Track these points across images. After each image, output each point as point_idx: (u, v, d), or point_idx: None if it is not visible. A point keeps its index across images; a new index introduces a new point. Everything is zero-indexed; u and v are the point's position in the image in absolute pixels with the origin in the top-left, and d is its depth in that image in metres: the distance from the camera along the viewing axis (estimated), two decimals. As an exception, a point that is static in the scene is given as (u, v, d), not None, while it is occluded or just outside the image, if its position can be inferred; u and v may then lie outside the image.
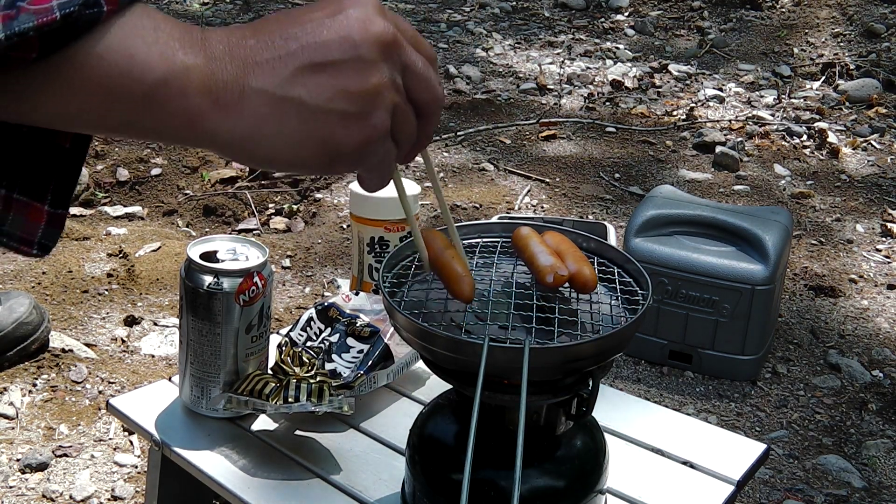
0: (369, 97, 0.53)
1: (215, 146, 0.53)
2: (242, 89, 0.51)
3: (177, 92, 0.49)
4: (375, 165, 0.58)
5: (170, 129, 0.51)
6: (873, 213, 2.98)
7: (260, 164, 0.55)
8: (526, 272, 0.90)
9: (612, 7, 5.05)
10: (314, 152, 0.54)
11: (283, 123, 0.52)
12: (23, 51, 0.45)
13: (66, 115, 0.49)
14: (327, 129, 0.53)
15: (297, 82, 0.52)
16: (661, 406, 1.19)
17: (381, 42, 0.53)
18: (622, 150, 3.39)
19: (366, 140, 0.54)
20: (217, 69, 0.50)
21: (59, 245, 2.41)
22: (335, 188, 2.96)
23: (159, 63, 0.49)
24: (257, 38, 0.52)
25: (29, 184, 0.55)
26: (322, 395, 0.99)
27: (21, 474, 1.59)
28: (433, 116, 0.59)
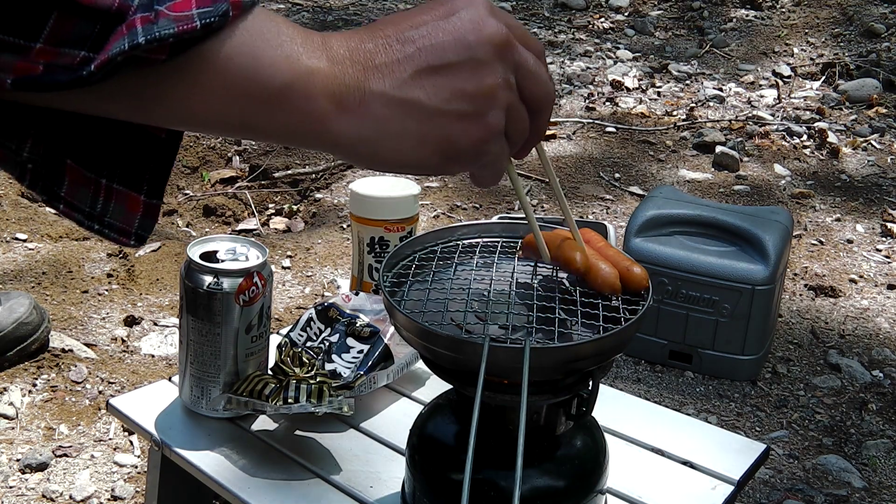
0: (485, 97, 0.55)
1: (338, 149, 0.54)
2: (364, 92, 0.52)
3: (302, 95, 0.50)
4: (490, 163, 0.59)
5: (293, 131, 0.52)
6: (873, 213, 2.98)
7: (381, 165, 0.56)
8: (526, 272, 0.90)
9: (612, 7, 5.05)
10: (433, 152, 0.55)
11: (404, 125, 0.53)
12: (154, 53, 0.46)
13: (191, 115, 0.50)
14: (445, 129, 0.54)
15: (416, 84, 0.53)
16: (661, 406, 1.19)
17: (494, 42, 0.55)
18: (622, 150, 3.39)
19: (482, 139, 0.56)
20: (339, 72, 0.52)
21: (59, 245, 2.41)
22: (335, 188, 2.96)
23: (285, 66, 0.50)
24: (375, 41, 0.53)
25: (127, 174, 0.56)
26: (322, 395, 0.98)
27: (21, 474, 1.59)
28: (545, 112, 0.60)
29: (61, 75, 0.45)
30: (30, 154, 0.52)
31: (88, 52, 0.45)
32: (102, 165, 0.55)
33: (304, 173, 3.02)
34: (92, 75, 0.45)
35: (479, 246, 0.94)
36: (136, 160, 0.56)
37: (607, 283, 0.81)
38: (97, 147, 0.54)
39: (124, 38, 0.45)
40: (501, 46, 0.55)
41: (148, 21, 0.45)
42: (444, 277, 0.88)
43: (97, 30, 0.45)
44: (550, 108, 0.60)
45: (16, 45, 0.45)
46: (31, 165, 0.52)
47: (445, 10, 0.55)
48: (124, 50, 0.45)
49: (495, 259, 0.92)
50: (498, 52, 0.55)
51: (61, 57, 0.45)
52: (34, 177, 0.53)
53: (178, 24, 0.46)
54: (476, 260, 0.92)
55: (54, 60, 0.45)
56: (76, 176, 0.54)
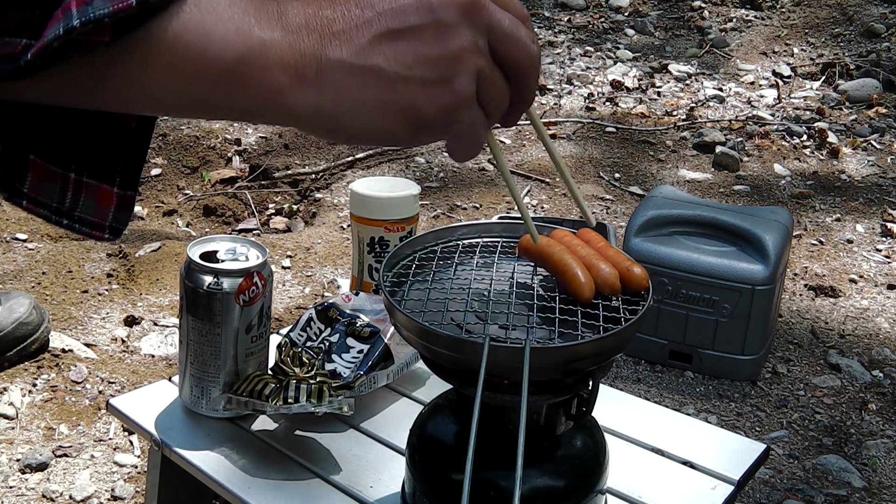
0: (450, 62, 0.51)
1: (299, 122, 0.52)
2: (320, 61, 0.50)
3: (255, 68, 0.48)
4: (463, 134, 0.55)
5: (251, 106, 0.50)
6: (873, 213, 2.98)
7: (346, 137, 0.53)
8: (527, 272, 0.90)
9: (612, 7, 5.05)
10: (398, 122, 0.52)
11: (364, 93, 0.51)
12: (96, 35, 0.44)
13: (144, 97, 0.48)
14: (409, 97, 0.51)
15: (375, 51, 0.50)
16: (661, 406, 1.19)
17: (460, 3, 0.51)
18: (622, 150, 3.39)
19: (449, 106, 0.52)
20: (295, 42, 0.49)
21: (59, 245, 2.41)
22: (335, 188, 2.96)
23: (236, 39, 0.48)
24: (334, 7, 0.51)
25: (97, 166, 0.54)
26: (322, 395, 0.99)
27: (21, 474, 1.59)
28: (527, 77, 0.55)
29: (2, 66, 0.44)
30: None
31: (29, 39, 0.44)
32: (70, 159, 0.53)
33: (304, 173, 3.02)
34: (29, 64, 0.43)
35: (479, 246, 0.94)
36: (106, 151, 0.54)
37: (607, 284, 0.81)
38: (63, 140, 0.53)
39: (59, 23, 0.43)
40: (468, 7, 0.52)
41: (83, 3, 0.43)
42: (444, 277, 0.88)
43: (36, 16, 0.44)
44: (535, 73, 0.56)
45: None
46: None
47: None
48: (58, 35, 0.43)
49: (495, 259, 0.92)
50: (464, 13, 0.52)
51: (3, 46, 0.44)
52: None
53: (113, 3, 0.44)
54: (476, 260, 0.92)
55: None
56: (40, 171, 0.53)
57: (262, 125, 3.40)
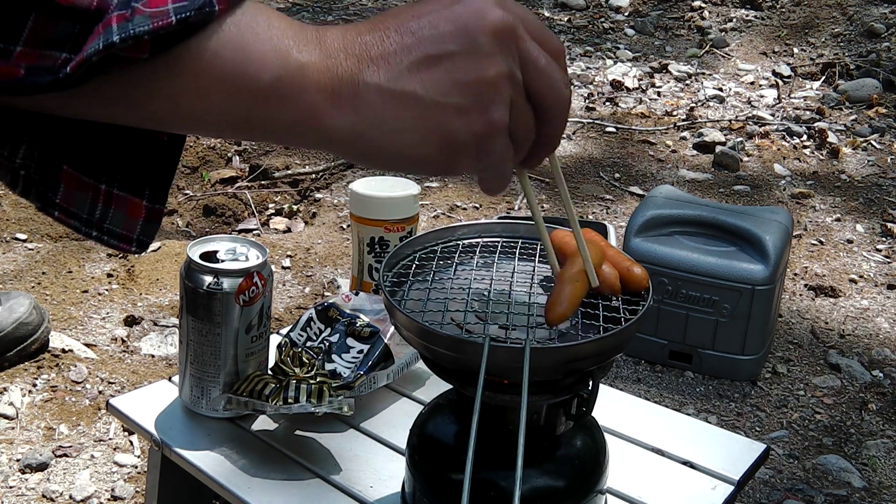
0: (486, 89, 0.51)
1: (334, 145, 0.52)
2: (358, 85, 0.50)
3: (292, 89, 0.48)
4: (493, 163, 0.55)
5: (286, 128, 0.50)
6: (873, 213, 2.98)
7: (380, 163, 0.53)
8: (527, 272, 0.90)
9: (612, 7, 5.05)
10: (432, 148, 0.52)
11: (400, 119, 0.51)
12: (135, 51, 0.45)
13: (179, 114, 0.49)
14: (444, 123, 0.51)
15: (413, 76, 0.50)
16: (661, 406, 1.19)
17: (497, 32, 0.51)
18: (622, 150, 3.39)
19: (484, 133, 0.52)
20: (333, 65, 0.49)
21: (59, 245, 2.41)
22: (335, 188, 2.96)
23: (274, 60, 0.48)
24: (373, 33, 0.51)
25: (128, 178, 0.54)
26: (322, 395, 0.98)
27: (21, 474, 1.59)
28: (556, 119, 0.55)
29: (42, 77, 0.44)
30: (23, 160, 0.51)
31: (70, 54, 0.44)
32: (102, 170, 0.54)
33: (304, 173, 3.02)
34: (68, 77, 0.44)
35: (480, 246, 0.94)
36: (137, 164, 0.55)
37: (607, 284, 0.81)
38: (96, 151, 0.53)
39: (99, 38, 0.44)
40: (505, 37, 0.52)
41: (123, 19, 0.44)
42: (444, 277, 0.88)
43: (77, 30, 0.44)
44: (563, 115, 0.55)
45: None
46: (23, 172, 0.51)
47: (451, 0, 0.52)
48: (98, 49, 0.44)
49: (495, 259, 0.92)
50: (502, 42, 0.51)
51: (43, 59, 0.44)
52: (27, 183, 0.51)
53: (154, 20, 0.44)
54: (476, 260, 0.92)
55: (36, 63, 0.44)
56: (73, 181, 0.53)
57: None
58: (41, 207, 0.53)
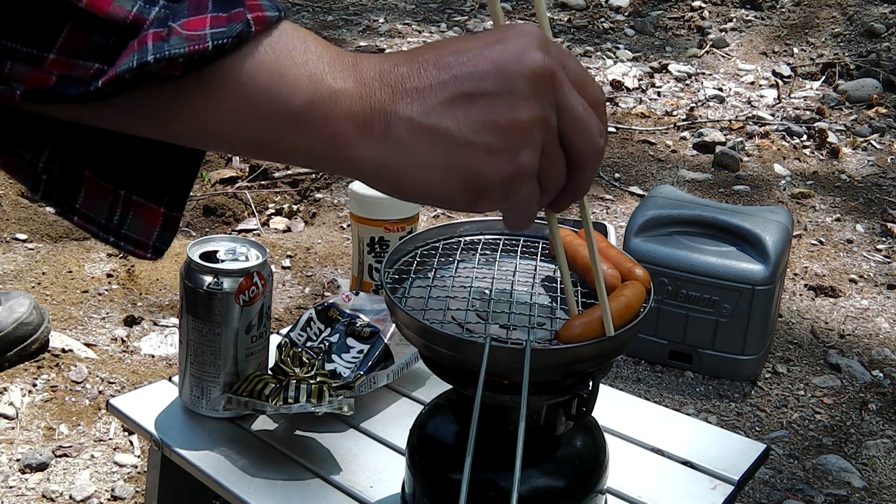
0: (518, 133, 0.51)
1: (360, 174, 0.51)
2: (390, 117, 0.49)
3: (323, 116, 0.48)
4: (518, 205, 0.55)
5: (314, 153, 0.50)
6: (873, 213, 2.98)
7: (404, 194, 0.53)
8: (528, 271, 0.90)
9: (612, 7, 5.05)
10: (458, 185, 0.52)
11: (429, 154, 0.50)
12: (168, 69, 0.45)
13: (206, 133, 0.49)
14: (474, 162, 0.51)
15: (446, 112, 0.50)
16: (661, 406, 1.19)
17: (536, 76, 0.51)
18: (622, 150, 3.39)
19: (512, 177, 0.52)
20: (366, 94, 0.49)
21: (59, 245, 2.41)
22: (335, 188, 2.96)
23: (308, 85, 0.48)
24: (410, 65, 0.51)
25: (148, 185, 0.54)
26: (322, 395, 0.99)
27: (21, 474, 1.59)
28: (587, 168, 0.55)
29: (72, 88, 0.44)
30: (45, 164, 0.51)
31: (102, 65, 0.44)
32: (123, 177, 0.54)
33: (304, 173, 3.02)
34: (99, 91, 0.44)
35: (482, 243, 0.94)
36: (158, 172, 0.55)
37: (608, 285, 0.81)
38: (118, 158, 0.53)
39: (134, 55, 0.44)
40: (544, 82, 0.51)
41: (160, 38, 0.44)
42: (445, 275, 0.88)
43: (111, 43, 0.44)
44: (595, 165, 0.55)
45: (29, 54, 0.44)
46: (45, 177, 0.51)
47: (493, 39, 0.52)
48: (132, 67, 0.44)
49: (497, 256, 0.92)
50: (540, 87, 0.51)
51: (75, 69, 0.44)
52: (48, 188, 0.51)
53: (190, 43, 0.44)
54: (478, 257, 0.92)
55: (68, 72, 0.44)
56: (93, 187, 0.53)
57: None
58: (61, 212, 0.53)
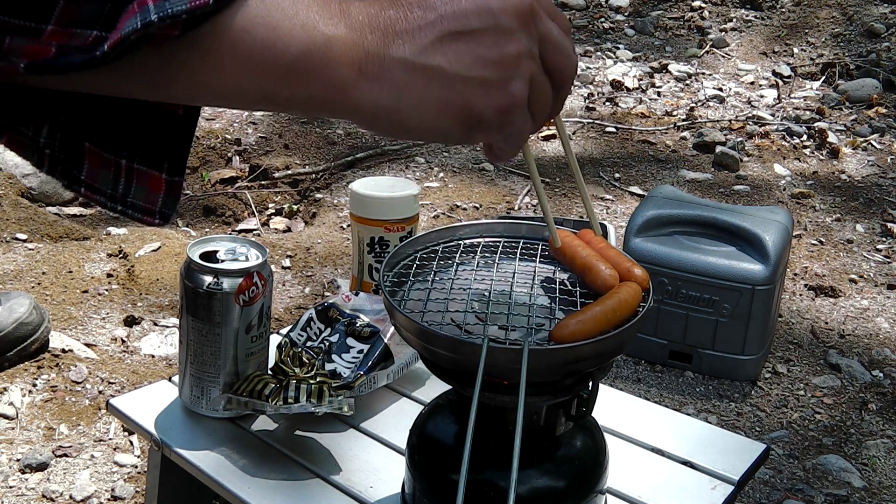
0: (508, 65, 0.54)
1: (358, 116, 0.53)
2: (384, 59, 0.51)
3: (320, 63, 0.50)
4: (510, 135, 0.57)
5: (313, 100, 0.52)
6: (873, 213, 2.98)
7: (403, 133, 0.55)
8: (528, 272, 0.90)
9: (612, 7, 5.05)
10: (455, 120, 0.54)
11: (425, 91, 0.53)
12: (168, 29, 0.46)
13: (209, 90, 0.50)
14: (468, 96, 0.53)
15: (438, 51, 0.52)
16: (661, 406, 1.19)
17: (518, 11, 0.54)
18: (622, 150, 3.39)
19: (505, 108, 0.55)
20: (359, 39, 0.51)
21: (59, 245, 2.41)
22: (335, 188, 2.96)
23: (302, 35, 0.49)
24: (396, 8, 0.53)
25: (147, 153, 0.56)
26: (322, 395, 0.99)
27: (21, 474, 1.59)
28: (567, 85, 0.59)
29: (75, 57, 0.45)
30: (47, 139, 0.52)
31: (101, 31, 0.45)
32: (121, 146, 0.55)
33: (304, 173, 3.02)
34: (105, 55, 0.45)
35: (481, 246, 0.94)
36: (154, 139, 0.56)
37: (607, 285, 0.81)
38: (115, 128, 0.54)
39: (136, 17, 0.44)
40: (526, 15, 0.54)
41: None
42: (444, 277, 0.88)
43: (108, 8, 0.45)
44: (571, 82, 0.59)
45: (27, 27, 0.44)
46: (48, 151, 0.52)
47: None
48: (136, 28, 0.44)
49: (496, 259, 0.92)
50: (522, 20, 0.54)
51: (74, 38, 0.45)
52: (52, 162, 0.53)
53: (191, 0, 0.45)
54: (477, 260, 0.92)
55: (67, 42, 0.45)
56: (95, 158, 0.54)
57: (262, 126, 3.40)
58: (68, 185, 0.54)
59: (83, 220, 2.67)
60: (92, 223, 2.65)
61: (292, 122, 3.46)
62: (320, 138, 3.33)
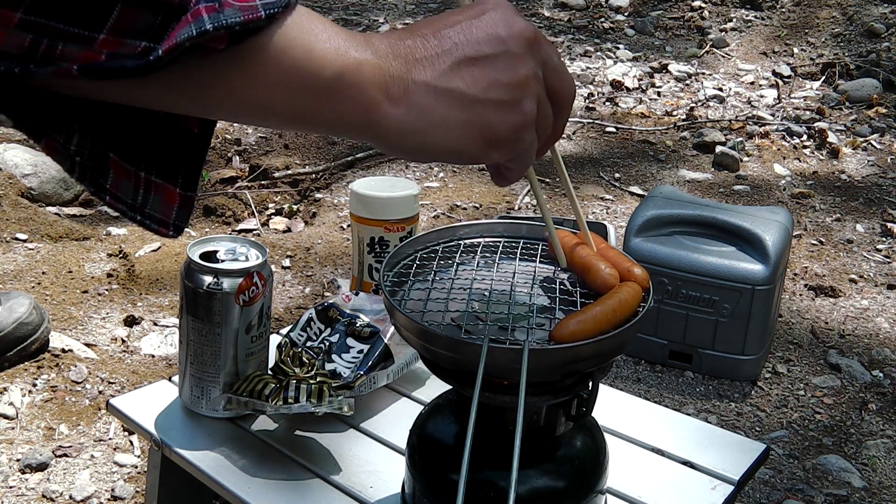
0: (519, 87, 0.58)
1: (384, 138, 0.56)
2: (408, 83, 0.55)
3: (352, 85, 0.53)
4: (521, 154, 0.61)
5: (343, 121, 0.54)
6: (873, 213, 2.98)
7: (426, 154, 0.59)
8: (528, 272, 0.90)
9: (612, 7, 5.05)
10: (475, 139, 0.58)
11: (447, 113, 0.56)
12: (215, 42, 0.48)
13: (244, 106, 0.52)
14: (485, 116, 0.58)
15: (456, 75, 0.56)
16: (661, 406, 1.19)
17: (525, 37, 0.59)
18: (622, 150, 3.39)
19: (519, 126, 0.59)
20: (385, 65, 0.55)
21: (59, 245, 2.41)
22: (335, 188, 2.96)
23: (335, 58, 0.52)
24: (413, 38, 0.57)
25: (163, 167, 0.58)
26: (322, 395, 0.99)
27: (21, 474, 1.59)
28: (566, 108, 0.63)
29: (128, 62, 0.47)
30: (77, 147, 0.54)
31: (149, 43, 0.47)
32: (141, 159, 0.57)
33: (304, 173, 3.02)
34: (159, 60, 0.46)
35: (481, 246, 0.94)
36: (171, 154, 0.58)
37: (607, 284, 0.81)
38: (136, 141, 0.57)
39: (191, 26, 0.46)
40: (531, 41, 0.59)
41: (213, 10, 0.47)
42: (444, 277, 0.88)
43: (159, 21, 0.47)
44: (571, 105, 0.63)
45: (81, 35, 0.46)
46: (78, 158, 0.55)
47: (476, 11, 0.59)
48: (192, 36, 0.46)
49: (496, 259, 0.92)
50: (528, 46, 0.59)
51: (123, 47, 0.47)
52: (82, 169, 0.55)
53: (244, 13, 0.48)
54: (477, 260, 0.92)
55: (116, 50, 0.47)
56: (119, 169, 0.56)
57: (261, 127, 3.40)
58: (94, 192, 0.56)
59: (83, 220, 2.67)
60: (92, 223, 2.65)
61: (292, 122, 3.46)
62: (320, 138, 3.33)
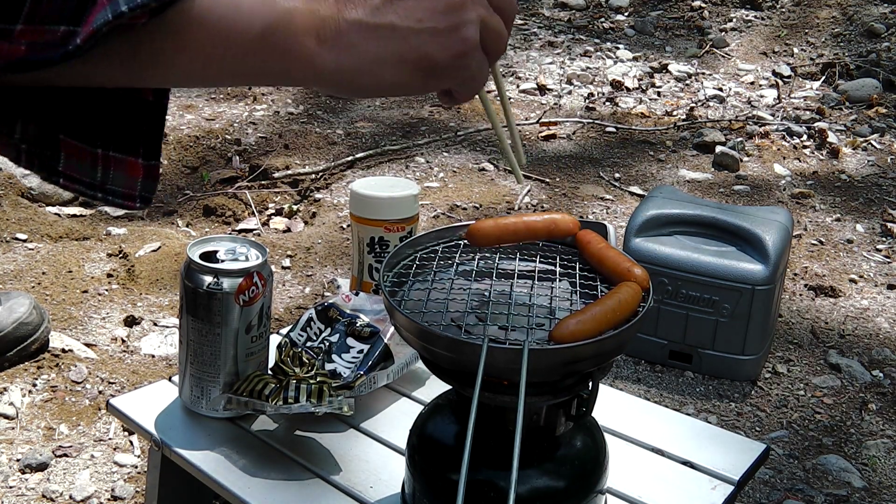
0: (456, 12, 0.58)
1: (322, 81, 0.56)
2: (340, 23, 0.55)
3: (283, 35, 0.53)
4: (469, 78, 0.61)
5: (279, 70, 0.54)
6: (873, 213, 2.98)
7: (365, 92, 0.58)
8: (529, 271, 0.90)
9: (612, 7, 5.05)
10: (412, 72, 0.58)
11: (381, 49, 0.56)
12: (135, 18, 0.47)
13: (180, 72, 0.52)
14: (422, 47, 0.57)
15: (388, 9, 0.56)
16: (661, 406, 1.19)
17: None
18: (622, 150, 3.39)
19: (460, 53, 0.58)
20: (315, 8, 0.54)
21: (59, 245, 2.41)
22: (335, 188, 2.96)
23: (262, 9, 0.52)
24: None
25: (121, 140, 0.58)
26: (322, 395, 0.99)
27: (21, 474, 1.59)
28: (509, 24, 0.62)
29: (50, 52, 0.46)
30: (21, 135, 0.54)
31: (69, 26, 0.46)
32: (95, 135, 0.56)
33: (304, 173, 3.02)
34: (78, 48, 0.46)
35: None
36: (127, 126, 0.58)
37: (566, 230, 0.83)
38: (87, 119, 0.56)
39: (106, 9, 0.46)
40: None
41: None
42: (444, 277, 0.88)
43: (74, 4, 0.46)
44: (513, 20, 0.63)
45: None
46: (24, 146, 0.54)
47: None
48: (108, 20, 0.46)
49: (496, 259, 0.92)
50: None
51: (43, 34, 0.46)
52: (29, 156, 0.55)
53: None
54: (477, 260, 0.92)
55: (37, 39, 0.46)
56: (72, 150, 0.56)
57: (262, 126, 3.40)
58: (46, 177, 0.56)
59: (83, 220, 2.67)
60: (92, 223, 2.65)
61: (292, 122, 3.46)
62: (320, 138, 3.33)
